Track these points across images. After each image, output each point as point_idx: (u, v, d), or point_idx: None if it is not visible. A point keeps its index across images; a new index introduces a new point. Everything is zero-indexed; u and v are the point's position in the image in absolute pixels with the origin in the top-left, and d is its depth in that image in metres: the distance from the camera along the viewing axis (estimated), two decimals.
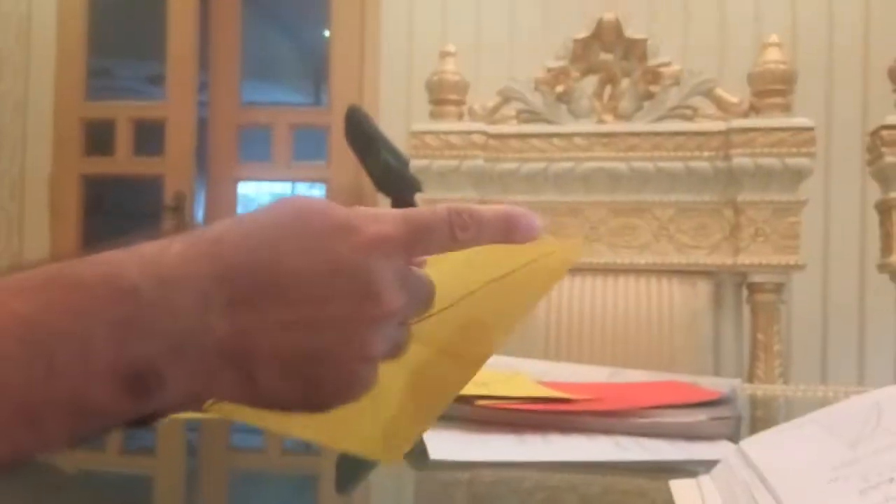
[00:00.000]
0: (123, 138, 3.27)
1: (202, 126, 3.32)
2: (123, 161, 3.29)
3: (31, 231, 3.22)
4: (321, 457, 0.58)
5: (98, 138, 3.29)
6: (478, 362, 0.47)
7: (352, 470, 0.59)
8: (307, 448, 0.57)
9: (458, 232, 0.37)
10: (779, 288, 1.33)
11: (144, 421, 0.31)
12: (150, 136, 3.28)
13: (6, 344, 0.26)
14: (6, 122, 3.13)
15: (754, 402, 0.95)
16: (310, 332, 0.31)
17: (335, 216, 0.32)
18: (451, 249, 0.38)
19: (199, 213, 3.45)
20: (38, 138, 3.23)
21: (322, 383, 0.33)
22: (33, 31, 3.22)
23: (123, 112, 3.30)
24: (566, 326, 1.35)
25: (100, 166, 3.31)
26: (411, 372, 0.42)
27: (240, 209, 3.46)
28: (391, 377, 0.40)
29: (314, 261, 0.31)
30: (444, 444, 0.58)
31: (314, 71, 4.54)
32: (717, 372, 1.32)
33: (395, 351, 0.37)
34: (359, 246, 0.32)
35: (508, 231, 0.40)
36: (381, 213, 0.34)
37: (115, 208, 3.95)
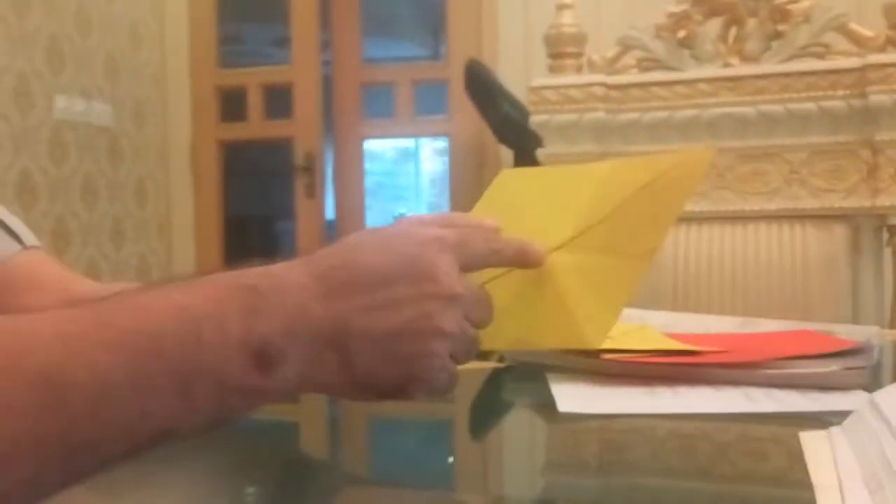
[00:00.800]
0: (255, 104, 3.41)
1: (327, 85, 3.40)
2: (255, 126, 3.43)
3: (176, 194, 3.42)
4: (455, 404, 0.60)
5: (232, 105, 3.44)
6: (645, 255, 0.53)
7: (485, 417, 0.62)
8: (442, 396, 0.60)
9: (493, 244, 0.48)
10: None
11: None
12: (279, 99, 3.40)
13: (167, 323, 0.34)
14: (147, 93, 3.31)
15: None
16: (388, 311, 0.39)
17: (398, 225, 0.42)
18: (489, 263, 0.48)
19: (329, 172, 3.57)
20: (177, 108, 3.41)
21: (405, 359, 0.41)
22: (167, 2, 3.38)
23: (254, 78, 3.43)
24: (694, 276, 1.34)
25: (234, 132, 3.47)
26: (587, 273, 0.52)
27: (367, 165, 3.55)
28: (569, 280, 0.50)
29: (384, 257, 0.40)
30: (573, 398, 0.59)
31: (432, 24, 4.55)
32: (855, 320, 1.28)
33: (465, 349, 0.45)
34: (417, 242, 0.41)
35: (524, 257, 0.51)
36: (434, 219, 0.44)
37: (250, 170, 4.14)
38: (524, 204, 0.58)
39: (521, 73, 2.72)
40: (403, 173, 5.87)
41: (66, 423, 0.31)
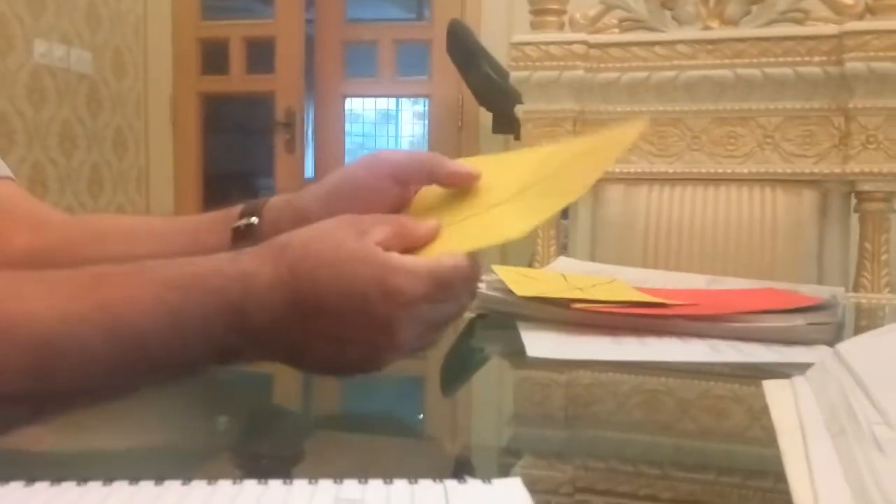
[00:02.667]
0: (237, 57, 3.37)
1: (309, 43, 3.38)
2: (237, 79, 3.40)
3: (155, 145, 3.40)
4: (427, 361, 0.62)
5: (213, 57, 3.41)
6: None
7: (458, 365, 0.64)
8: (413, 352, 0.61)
9: (474, 286, 0.50)
10: (889, 197, 1.29)
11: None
12: (261, 55, 3.37)
13: (156, 323, 0.39)
14: (129, 42, 3.27)
15: (859, 311, 0.94)
16: (342, 344, 0.44)
17: (379, 271, 0.43)
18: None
19: (309, 129, 3.55)
20: (158, 58, 3.37)
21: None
22: None
23: (236, 31, 3.40)
24: (665, 236, 1.36)
25: (216, 85, 3.44)
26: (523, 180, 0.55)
27: (348, 125, 3.53)
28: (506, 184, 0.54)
29: (351, 301, 0.43)
30: (542, 344, 0.61)
31: None
32: (820, 282, 1.31)
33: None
34: (388, 301, 0.43)
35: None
36: (415, 267, 0.44)
37: (231, 124, 4.11)
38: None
39: (503, 36, 2.71)
40: (382, 135, 5.85)
41: (48, 390, 0.36)
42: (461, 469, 0.40)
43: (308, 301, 0.42)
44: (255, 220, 0.58)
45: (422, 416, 0.53)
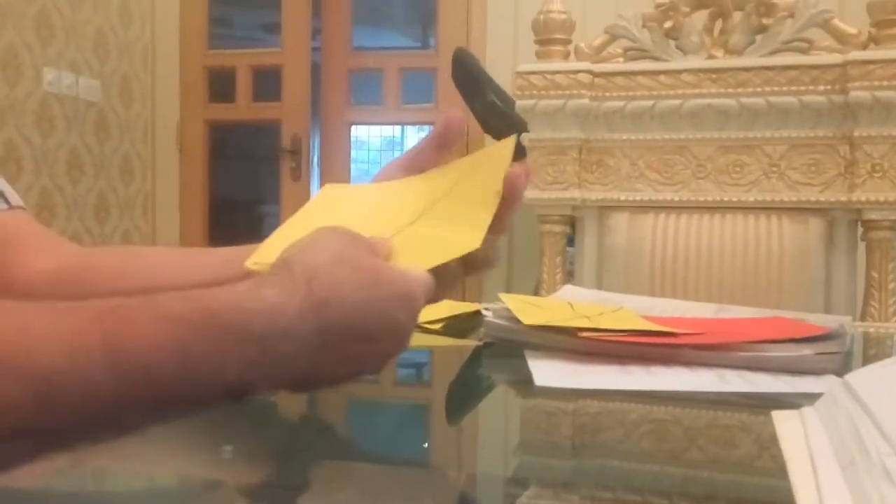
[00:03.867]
0: (243, 85, 3.40)
1: (316, 71, 3.40)
2: (244, 107, 3.43)
3: (162, 172, 3.42)
4: (432, 388, 0.62)
5: (220, 86, 3.43)
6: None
7: (465, 393, 0.63)
8: (419, 380, 0.61)
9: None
10: (895, 225, 1.29)
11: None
12: (267, 83, 3.40)
13: (167, 360, 0.38)
14: (137, 70, 3.30)
15: (867, 340, 0.93)
16: (355, 362, 0.45)
17: (402, 289, 0.46)
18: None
19: (315, 157, 3.57)
20: (165, 86, 3.40)
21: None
22: None
23: (243, 60, 3.43)
24: (671, 264, 1.36)
25: (222, 112, 3.46)
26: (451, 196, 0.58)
27: (353, 153, 3.55)
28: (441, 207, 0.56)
29: (379, 322, 0.45)
30: (549, 373, 0.60)
31: (422, 14, 4.56)
32: (828, 311, 1.30)
33: None
34: (406, 311, 0.46)
35: None
36: (422, 275, 0.48)
37: (237, 152, 4.13)
38: (353, 210, 0.61)
39: (508, 65, 2.73)
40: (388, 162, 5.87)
41: (51, 426, 0.35)
42: (467, 499, 0.39)
43: (338, 327, 0.43)
44: None
45: (427, 444, 0.53)
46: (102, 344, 0.36)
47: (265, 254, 0.53)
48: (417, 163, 0.62)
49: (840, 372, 0.58)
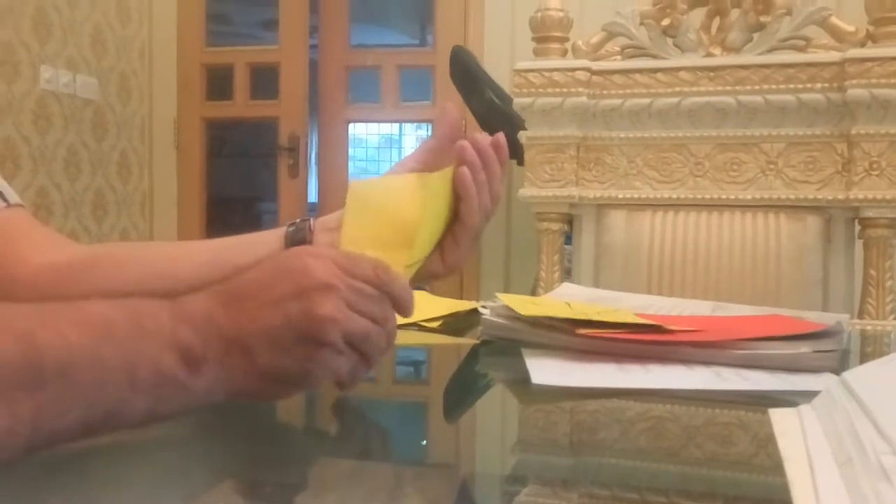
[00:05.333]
0: (241, 83, 3.40)
1: (314, 69, 3.40)
2: (241, 104, 3.42)
3: (159, 170, 3.41)
4: (430, 386, 0.62)
5: (218, 83, 3.43)
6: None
7: (463, 390, 0.63)
8: (417, 378, 0.61)
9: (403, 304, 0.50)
10: (893, 223, 1.29)
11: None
12: (265, 80, 3.39)
13: (118, 313, 0.41)
14: (134, 67, 3.30)
15: (864, 337, 0.93)
16: (272, 308, 0.44)
17: (291, 255, 0.47)
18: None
19: (313, 154, 3.56)
20: (163, 83, 3.39)
21: (300, 347, 0.44)
22: None
23: (240, 57, 3.42)
24: (668, 261, 1.36)
25: (220, 110, 3.45)
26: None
27: (351, 150, 3.55)
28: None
29: (267, 270, 0.46)
30: (546, 371, 0.61)
31: (420, 12, 4.55)
32: (825, 308, 1.31)
33: (361, 337, 0.47)
34: (297, 257, 0.46)
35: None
36: (322, 252, 0.48)
37: (235, 149, 4.13)
38: (378, 218, 0.63)
39: (506, 62, 2.73)
40: (385, 160, 5.88)
41: (39, 380, 0.36)
42: (464, 497, 0.39)
43: (232, 289, 0.45)
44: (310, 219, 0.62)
45: (425, 442, 0.53)
46: (66, 307, 0.40)
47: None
48: (433, 159, 0.62)
49: (837, 370, 0.58)
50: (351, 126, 3.51)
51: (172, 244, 0.72)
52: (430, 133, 3.44)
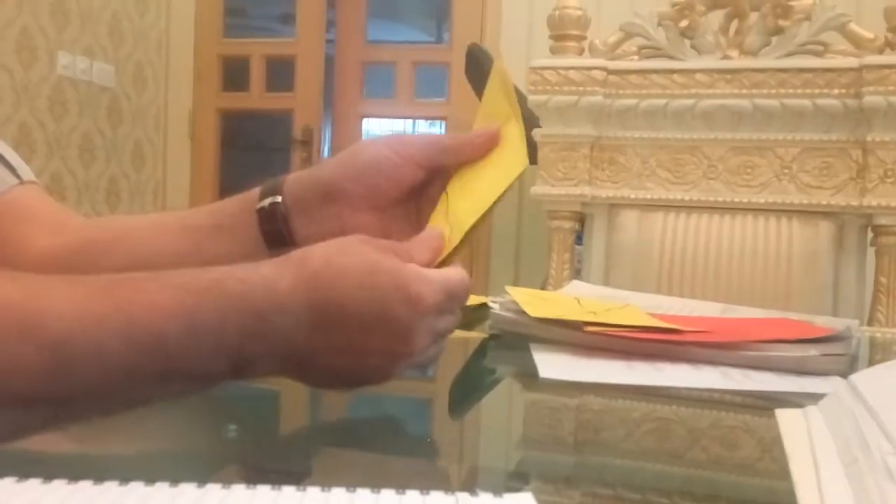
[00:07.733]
0: (257, 75, 3.41)
1: (329, 63, 3.41)
2: (256, 97, 3.43)
3: (173, 159, 3.42)
4: (437, 380, 0.62)
5: (234, 74, 3.44)
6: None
7: (466, 394, 0.63)
8: (422, 373, 0.61)
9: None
10: None
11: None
12: (281, 73, 3.40)
13: (174, 327, 0.38)
14: (151, 56, 3.31)
15: (874, 344, 0.92)
16: (355, 355, 0.44)
17: (401, 280, 0.44)
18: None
19: (326, 148, 3.57)
20: (179, 73, 3.40)
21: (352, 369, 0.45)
22: None
23: (257, 49, 3.43)
24: (679, 262, 1.36)
25: (235, 101, 3.46)
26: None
27: None
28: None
29: (370, 307, 0.43)
30: (554, 366, 0.60)
31: (437, 9, 4.55)
32: (835, 314, 1.30)
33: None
34: (408, 307, 0.44)
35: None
36: (431, 276, 0.46)
37: (249, 141, 4.13)
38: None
39: (522, 61, 2.73)
40: None
41: (65, 392, 0.35)
42: (469, 489, 0.40)
43: (329, 307, 0.42)
44: (278, 198, 0.57)
45: (431, 436, 0.53)
46: (114, 311, 0.37)
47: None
48: (430, 163, 0.57)
49: (845, 373, 0.57)
50: (365, 121, 3.51)
51: (163, 217, 0.70)
52: (443, 130, 3.44)
